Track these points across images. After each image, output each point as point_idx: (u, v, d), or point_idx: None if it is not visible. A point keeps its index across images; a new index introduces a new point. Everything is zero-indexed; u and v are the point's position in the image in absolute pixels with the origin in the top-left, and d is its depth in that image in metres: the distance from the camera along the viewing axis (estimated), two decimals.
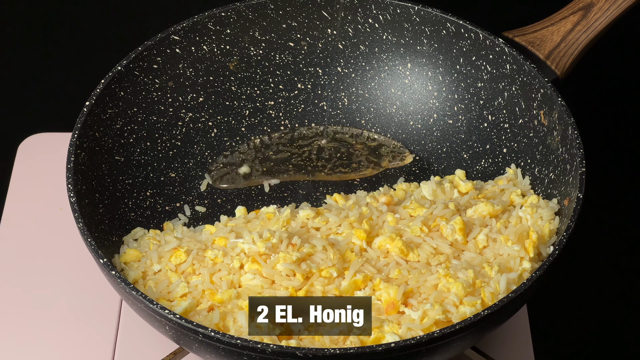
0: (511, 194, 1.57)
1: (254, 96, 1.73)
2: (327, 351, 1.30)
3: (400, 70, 1.72)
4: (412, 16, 1.68)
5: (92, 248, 1.41)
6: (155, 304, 1.35)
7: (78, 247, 1.58)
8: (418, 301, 1.42)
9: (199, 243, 1.51)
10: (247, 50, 1.71)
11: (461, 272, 1.43)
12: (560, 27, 1.63)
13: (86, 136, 1.54)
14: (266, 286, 1.44)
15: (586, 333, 1.70)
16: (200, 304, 1.44)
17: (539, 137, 1.59)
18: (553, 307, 1.70)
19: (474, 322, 1.32)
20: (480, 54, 1.65)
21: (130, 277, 1.48)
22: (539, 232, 1.48)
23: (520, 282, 1.44)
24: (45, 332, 1.59)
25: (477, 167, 1.68)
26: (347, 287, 1.43)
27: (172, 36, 1.64)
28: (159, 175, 1.66)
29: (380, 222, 1.52)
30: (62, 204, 1.69)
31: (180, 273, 1.48)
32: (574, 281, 1.75)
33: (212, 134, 1.71)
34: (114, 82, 1.59)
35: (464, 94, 1.69)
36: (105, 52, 2.03)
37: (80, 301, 1.62)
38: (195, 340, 1.35)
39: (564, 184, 1.52)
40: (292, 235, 1.48)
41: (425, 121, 1.72)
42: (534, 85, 1.58)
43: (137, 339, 1.58)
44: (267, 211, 1.56)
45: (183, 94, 1.68)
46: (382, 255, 1.48)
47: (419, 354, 1.33)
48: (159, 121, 1.67)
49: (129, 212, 1.60)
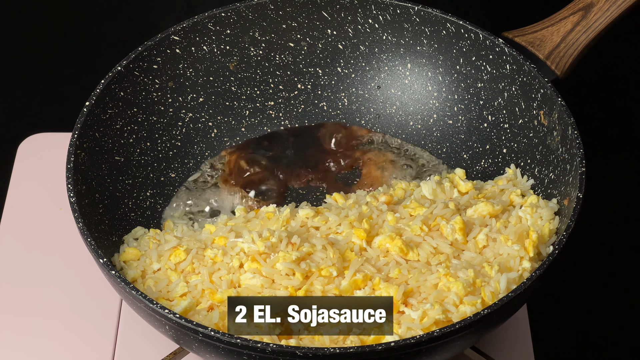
0: (511, 194, 1.57)
1: (254, 96, 1.73)
2: (327, 350, 1.30)
3: (400, 71, 1.72)
4: (412, 16, 1.67)
5: (92, 248, 1.41)
6: (155, 303, 1.35)
7: (78, 247, 1.58)
8: (418, 301, 1.42)
9: (199, 242, 1.51)
10: (247, 50, 1.71)
11: (461, 272, 1.43)
12: (560, 28, 1.63)
13: (86, 136, 1.54)
14: (266, 285, 1.44)
15: (586, 333, 1.70)
16: (200, 304, 1.44)
17: (539, 137, 1.59)
18: (553, 307, 1.70)
19: (473, 321, 1.32)
20: (480, 54, 1.65)
21: (130, 276, 1.48)
22: (538, 232, 1.48)
23: (520, 281, 1.43)
24: (45, 331, 1.59)
25: (477, 167, 1.68)
26: (347, 287, 1.43)
27: (172, 36, 1.64)
28: (159, 175, 1.66)
29: (380, 221, 1.52)
30: (62, 204, 1.69)
31: (180, 272, 1.48)
32: (574, 281, 1.75)
33: (212, 134, 1.71)
34: (114, 82, 1.59)
35: (464, 94, 1.69)
36: (105, 52, 2.04)
37: (80, 301, 1.62)
38: (195, 340, 1.35)
39: (563, 184, 1.52)
40: (292, 235, 1.48)
41: (425, 121, 1.72)
42: (534, 86, 1.58)
43: (137, 339, 1.58)
44: (267, 210, 1.56)
45: (183, 94, 1.68)
46: (382, 255, 1.48)
47: (419, 353, 1.33)
48: (159, 121, 1.67)
49: (129, 212, 1.60)
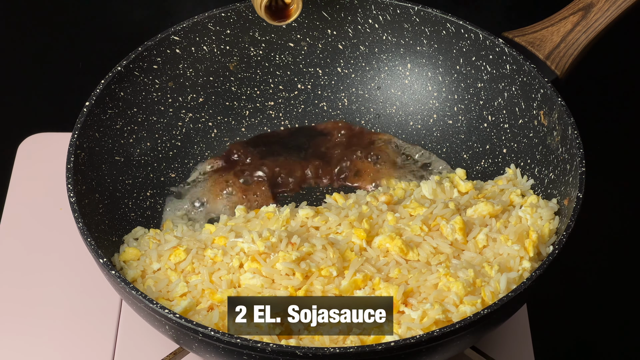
0: (511, 194, 1.57)
1: (254, 96, 1.73)
2: (326, 350, 1.30)
3: (400, 71, 1.72)
4: (412, 16, 1.67)
5: (92, 248, 1.41)
6: (155, 303, 1.35)
7: (78, 247, 1.58)
8: (418, 301, 1.42)
9: (199, 242, 1.51)
10: (247, 50, 1.71)
11: (461, 272, 1.43)
12: (560, 28, 1.63)
13: (86, 136, 1.54)
14: (266, 285, 1.44)
15: (586, 333, 1.70)
16: (199, 304, 1.44)
17: (539, 137, 1.59)
18: (553, 307, 1.70)
19: (473, 321, 1.32)
20: (480, 54, 1.65)
21: (129, 276, 1.48)
22: (538, 232, 1.48)
23: (520, 281, 1.43)
24: (45, 331, 1.59)
25: (477, 167, 1.68)
26: (347, 287, 1.43)
27: (172, 36, 1.64)
28: (159, 175, 1.66)
29: (380, 221, 1.52)
30: (62, 204, 1.69)
31: (180, 272, 1.48)
32: (574, 281, 1.75)
33: (212, 134, 1.71)
34: (114, 82, 1.59)
35: (464, 94, 1.69)
36: (105, 52, 2.03)
37: (80, 301, 1.62)
38: (195, 340, 1.35)
39: (563, 184, 1.52)
40: (292, 235, 1.48)
41: (425, 121, 1.72)
42: (534, 86, 1.58)
43: (137, 339, 1.58)
44: (267, 210, 1.56)
45: (183, 94, 1.68)
46: (382, 255, 1.48)
47: (419, 353, 1.33)
48: (159, 121, 1.67)
49: (129, 212, 1.60)
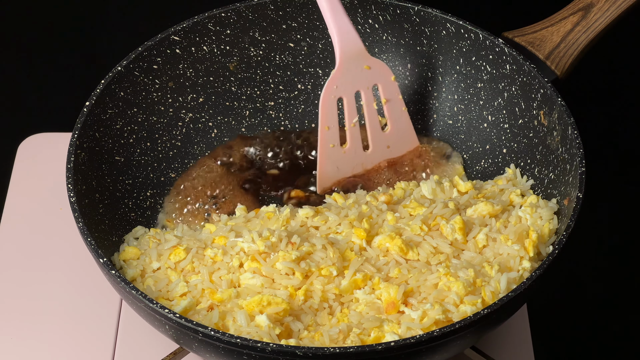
0: (511, 194, 1.57)
1: (254, 97, 1.73)
2: (327, 350, 1.30)
3: (400, 71, 1.72)
4: (412, 16, 1.67)
5: (92, 248, 1.41)
6: (155, 303, 1.35)
7: (78, 247, 1.58)
8: (418, 301, 1.42)
9: (199, 242, 1.51)
10: (247, 50, 1.71)
11: (461, 272, 1.43)
12: (560, 28, 1.63)
13: (86, 136, 1.54)
14: (266, 285, 1.44)
15: (586, 333, 1.70)
16: (199, 303, 1.44)
17: (539, 137, 1.59)
18: (553, 307, 1.70)
19: (473, 321, 1.32)
20: (480, 55, 1.65)
21: (129, 275, 1.48)
22: (538, 232, 1.48)
23: (520, 281, 1.43)
24: (45, 331, 1.59)
25: (477, 167, 1.68)
26: (347, 286, 1.43)
27: (172, 36, 1.64)
28: (159, 175, 1.66)
29: (380, 221, 1.52)
30: (62, 204, 1.69)
31: (180, 271, 1.48)
32: (574, 281, 1.75)
33: (212, 134, 1.71)
34: (114, 82, 1.59)
35: (464, 94, 1.69)
36: (105, 52, 2.04)
37: (80, 301, 1.62)
38: (195, 340, 1.35)
39: (563, 184, 1.52)
40: (292, 234, 1.48)
41: (426, 121, 1.72)
42: (534, 86, 1.58)
43: (137, 339, 1.58)
44: (267, 210, 1.56)
45: (183, 95, 1.68)
46: (382, 254, 1.48)
47: (419, 353, 1.33)
48: (159, 121, 1.67)
49: (129, 212, 1.60)
